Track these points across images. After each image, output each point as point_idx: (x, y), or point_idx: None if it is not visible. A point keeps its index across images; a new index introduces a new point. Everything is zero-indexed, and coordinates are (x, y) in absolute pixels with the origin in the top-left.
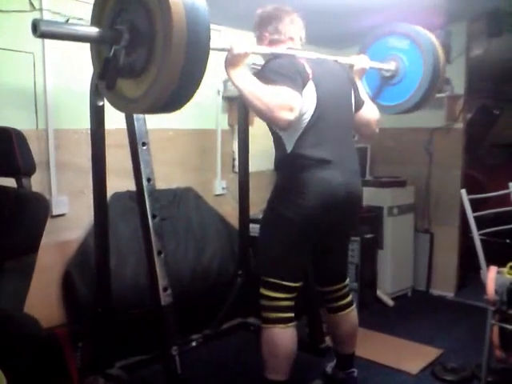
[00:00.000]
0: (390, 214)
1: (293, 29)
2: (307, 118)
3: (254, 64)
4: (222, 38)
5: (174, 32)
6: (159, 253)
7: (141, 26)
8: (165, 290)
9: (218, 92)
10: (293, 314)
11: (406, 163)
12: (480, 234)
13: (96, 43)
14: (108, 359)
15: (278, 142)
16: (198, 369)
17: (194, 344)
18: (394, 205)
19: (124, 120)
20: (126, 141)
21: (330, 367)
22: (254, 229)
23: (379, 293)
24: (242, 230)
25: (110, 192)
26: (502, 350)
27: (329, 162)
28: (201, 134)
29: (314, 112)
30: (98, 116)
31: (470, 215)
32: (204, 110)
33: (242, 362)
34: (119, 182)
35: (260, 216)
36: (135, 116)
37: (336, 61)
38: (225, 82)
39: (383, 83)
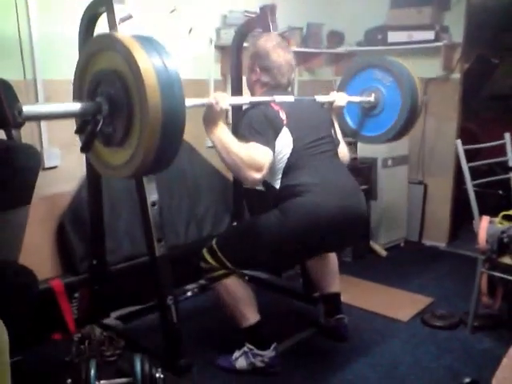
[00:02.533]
0: (384, 165)
1: (284, 73)
2: (285, 159)
3: (246, 12)
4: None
5: (149, 99)
6: (153, 204)
7: (118, 98)
8: (159, 240)
9: (211, 41)
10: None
11: None
12: (473, 185)
13: (80, 117)
14: (104, 310)
15: (267, 186)
16: (193, 318)
17: (189, 294)
18: (388, 156)
19: None
20: None
21: (322, 316)
22: None
23: (372, 243)
24: (236, 181)
25: None
26: (488, 297)
27: (320, 184)
28: (193, 84)
29: (292, 154)
30: None
31: (465, 165)
32: (196, 59)
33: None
34: None
35: None
36: None
37: (315, 100)
38: (217, 30)
39: (364, 114)
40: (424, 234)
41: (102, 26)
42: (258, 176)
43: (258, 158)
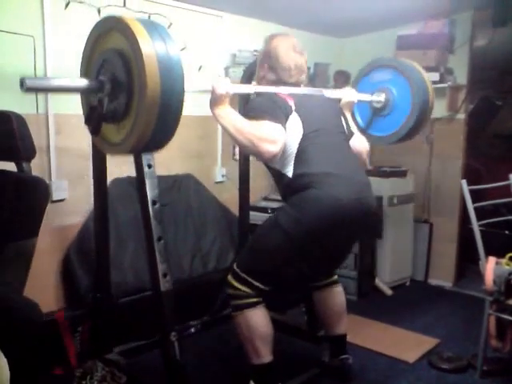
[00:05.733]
0: (390, 203)
1: (293, 75)
2: (296, 144)
3: (255, 51)
4: (224, 24)
5: (148, 85)
6: (159, 239)
7: (120, 76)
8: (164, 275)
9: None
10: (260, 298)
11: (406, 153)
12: (479, 225)
13: (83, 93)
14: (107, 344)
15: (278, 174)
16: (196, 355)
17: (192, 330)
18: (394, 195)
19: None
20: None
21: (326, 355)
22: (254, 216)
23: (378, 282)
24: (242, 217)
25: (110, 177)
26: (497, 340)
27: (332, 174)
28: (201, 120)
29: (303, 137)
30: None
31: (470, 206)
32: (205, 96)
33: (240, 349)
34: (119, 167)
35: (260, 203)
36: None
37: (323, 94)
38: (226, 69)
39: (374, 114)
40: (430, 273)
41: None
42: (273, 149)
43: (270, 132)
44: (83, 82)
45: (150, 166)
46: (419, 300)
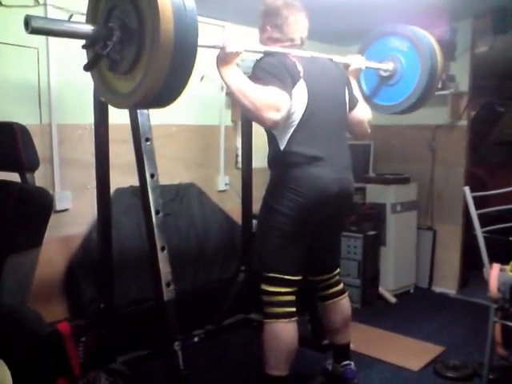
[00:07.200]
0: (393, 210)
1: (295, 29)
2: (298, 116)
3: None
4: (225, 33)
5: (162, 31)
6: (162, 248)
7: (131, 25)
8: (168, 285)
9: (222, 88)
10: (294, 309)
11: (409, 160)
12: (483, 232)
13: (89, 40)
14: (110, 354)
15: (272, 140)
16: (200, 364)
17: (196, 339)
18: (397, 202)
19: (128, 115)
20: (129, 136)
21: (329, 364)
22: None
23: (381, 290)
24: (245, 225)
25: (113, 187)
26: (503, 348)
27: (320, 158)
28: (204, 129)
29: (305, 110)
30: (101, 111)
31: (474, 213)
32: (207, 105)
33: (244, 358)
34: (122, 177)
35: None
36: (139, 111)
37: (331, 59)
38: None
39: (380, 83)
40: (434, 280)
41: None
42: (276, 117)
43: (276, 99)
44: (92, 28)
45: (152, 176)
46: (423, 308)
